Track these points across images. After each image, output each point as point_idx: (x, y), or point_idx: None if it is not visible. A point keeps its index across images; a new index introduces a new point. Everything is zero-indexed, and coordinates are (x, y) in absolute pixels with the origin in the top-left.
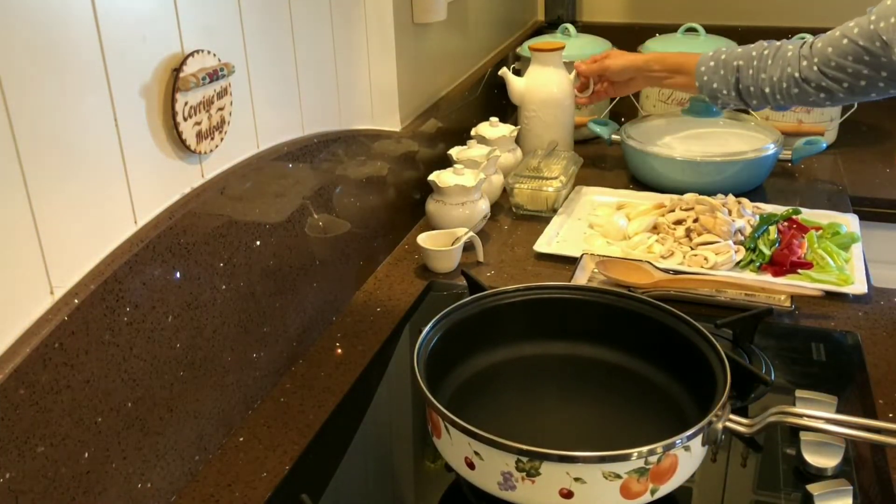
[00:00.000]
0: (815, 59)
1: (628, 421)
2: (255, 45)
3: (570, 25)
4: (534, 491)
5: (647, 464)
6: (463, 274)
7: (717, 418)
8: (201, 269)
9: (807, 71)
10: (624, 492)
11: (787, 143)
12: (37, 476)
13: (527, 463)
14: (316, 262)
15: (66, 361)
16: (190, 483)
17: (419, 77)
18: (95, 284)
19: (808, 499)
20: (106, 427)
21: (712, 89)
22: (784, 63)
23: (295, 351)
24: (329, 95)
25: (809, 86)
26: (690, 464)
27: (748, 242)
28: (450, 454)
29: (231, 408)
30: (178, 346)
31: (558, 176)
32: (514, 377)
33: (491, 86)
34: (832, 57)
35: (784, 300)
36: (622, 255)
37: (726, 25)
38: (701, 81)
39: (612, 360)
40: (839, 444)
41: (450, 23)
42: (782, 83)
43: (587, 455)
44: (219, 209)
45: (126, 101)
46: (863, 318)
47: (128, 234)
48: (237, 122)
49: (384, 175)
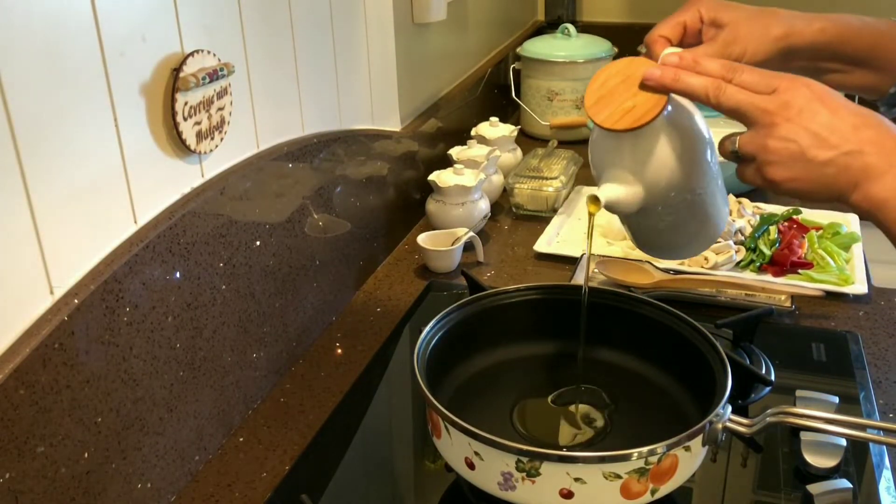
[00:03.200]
0: None
1: (628, 421)
2: (255, 45)
3: (570, 25)
4: (534, 491)
5: (647, 464)
6: (463, 274)
7: (717, 418)
8: (201, 269)
9: None
10: (624, 492)
11: None
12: (37, 476)
13: (527, 463)
14: (316, 262)
15: (66, 361)
16: (190, 483)
17: (419, 77)
18: (95, 284)
19: (808, 499)
20: (106, 427)
21: None
22: None
23: (295, 351)
24: (329, 95)
25: None
26: (690, 464)
27: (748, 242)
28: (450, 454)
29: (231, 408)
30: (178, 346)
31: (558, 176)
32: (514, 377)
33: (491, 86)
34: None
35: (784, 300)
36: (622, 255)
37: None
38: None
39: (613, 360)
40: (839, 444)
41: (450, 23)
42: None
43: (587, 455)
44: (219, 209)
45: (126, 100)
46: (863, 318)
47: (128, 234)
48: (237, 122)
49: (384, 175)
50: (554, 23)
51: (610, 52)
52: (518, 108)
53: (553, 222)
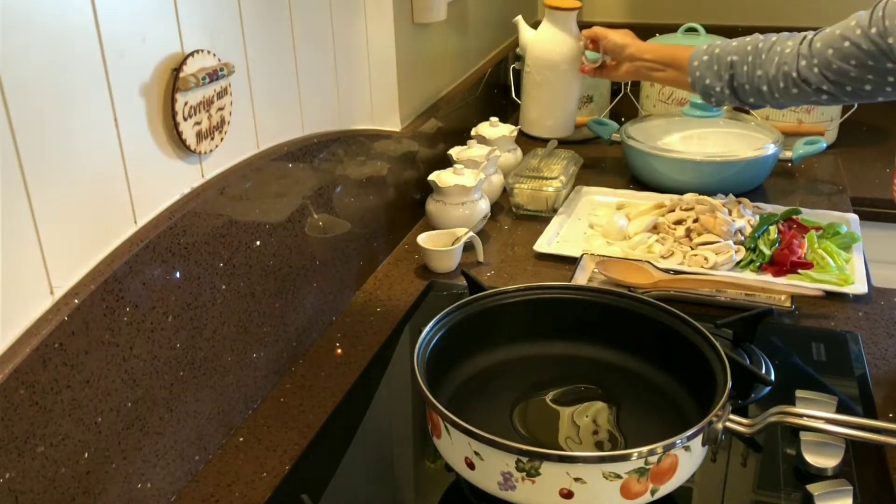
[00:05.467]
0: (814, 61)
1: (628, 421)
2: (255, 45)
3: None
4: (534, 491)
5: (647, 464)
6: (463, 274)
7: (717, 418)
8: (201, 269)
9: (806, 72)
10: (624, 492)
11: (787, 143)
12: (37, 476)
13: (527, 463)
14: (316, 262)
15: (66, 361)
16: (190, 483)
17: (419, 77)
18: (95, 284)
19: (808, 499)
20: (106, 427)
21: (705, 86)
22: (781, 60)
23: (295, 351)
24: (329, 95)
25: (810, 87)
26: (690, 464)
27: (748, 242)
28: (450, 454)
29: (231, 408)
30: (178, 346)
31: (558, 176)
32: (514, 377)
33: (491, 86)
34: (833, 60)
35: (784, 300)
36: (622, 255)
37: (726, 25)
38: (693, 77)
39: (613, 360)
40: (839, 444)
41: (450, 23)
42: (779, 82)
43: (587, 455)
44: (219, 209)
45: (126, 101)
46: (863, 318)
47: (128, 234)
48: (237, 122)
49: (384, 175)
50: None
51: None
52: (518, 108)
53: (553, 222)
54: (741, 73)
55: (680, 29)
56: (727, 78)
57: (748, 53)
